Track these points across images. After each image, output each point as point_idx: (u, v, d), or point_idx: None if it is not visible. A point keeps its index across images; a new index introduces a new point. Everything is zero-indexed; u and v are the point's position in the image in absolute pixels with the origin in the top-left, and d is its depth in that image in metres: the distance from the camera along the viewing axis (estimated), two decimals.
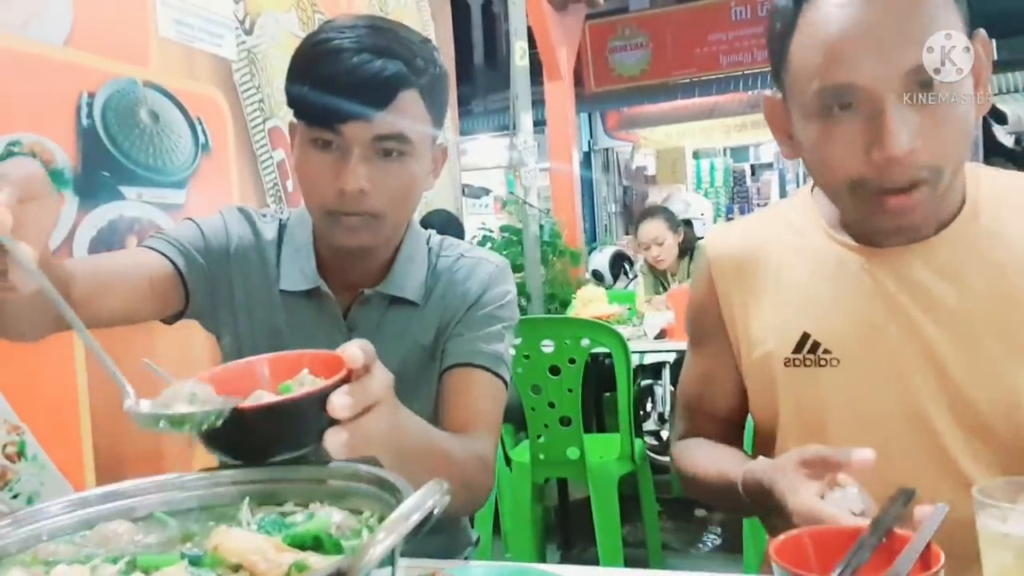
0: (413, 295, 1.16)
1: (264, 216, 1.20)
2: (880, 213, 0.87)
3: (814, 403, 0.97)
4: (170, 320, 1.13)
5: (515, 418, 2.70)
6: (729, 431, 1.12)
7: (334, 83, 0.99)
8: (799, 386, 0.98)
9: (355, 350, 0.69)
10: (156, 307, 1.08)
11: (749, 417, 1.11)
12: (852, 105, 0.84)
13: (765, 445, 1.06)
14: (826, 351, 0.96)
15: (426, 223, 3.51)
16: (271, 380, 0.74)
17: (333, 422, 0.67)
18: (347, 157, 1.02)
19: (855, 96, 0.83)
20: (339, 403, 0.66)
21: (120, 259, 1.08)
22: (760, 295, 1.02)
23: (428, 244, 1.22)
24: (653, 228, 3.94)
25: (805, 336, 0.97)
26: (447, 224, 3.70)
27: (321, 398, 0.67)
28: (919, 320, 0.92)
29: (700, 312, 1.10)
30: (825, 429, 0.96)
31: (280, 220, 1.20)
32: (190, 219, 1.16)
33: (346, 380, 0.69)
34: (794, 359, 0.97)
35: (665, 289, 3.90)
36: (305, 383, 0.71)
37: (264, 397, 0.71)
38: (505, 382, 1.16)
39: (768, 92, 0.96)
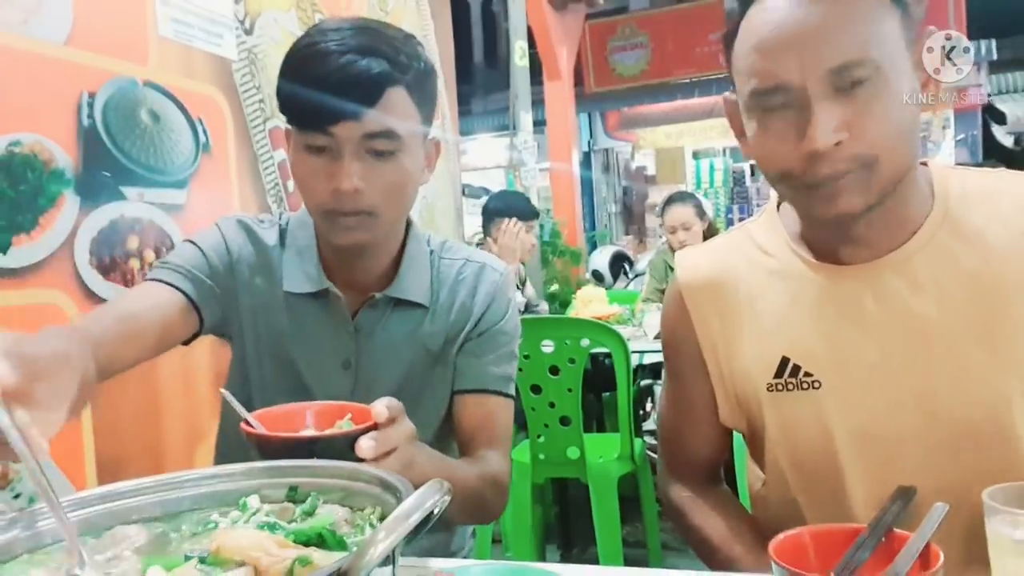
0: (421, 297, 1.17)
1: (263, 222, 1.21)
2: (814, 200, 0.89)
3: (800, 427, 0.96)
4: (187, 341, 1.14)
5: (515, 418, 2.70)
6: (708, 472, 1.12)
7: (321, 85, 1.01)
8: (783, 410, 0.97)
9: (382, 408, 0.84)
10: (175, 338, 1.11)
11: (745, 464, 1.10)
12: (783, 103, 0.87)
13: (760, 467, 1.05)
14: (807, 374, 0.95)
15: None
16: (315, 422, 0.90)
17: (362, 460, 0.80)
18: (340, 158, 1.03)
19: (784, 94, 0.86)
20: (364, 445, 0.80)
21: (135, 304, 1.08)
22: (736, 320, 1.01)
23: (429, 246, 1.22)
24: (683, 212, 3.92)
25: (785, 360, 0.96)
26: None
27: (351, 440, 0.81)
28: (899, 335, 0.91)
29: (676, 341, 1.08)
30: (812, 451, 0.96)
31: (280, 225, 1.21)
32: (190, 241, 1.17)
33: (374, 428, 0.83)
34: (776, 384, 0.97)
35: None
36: (344, 427, 0.86)
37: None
38: (513, 398, 1.22)
39: (727, 93, 0.98)
